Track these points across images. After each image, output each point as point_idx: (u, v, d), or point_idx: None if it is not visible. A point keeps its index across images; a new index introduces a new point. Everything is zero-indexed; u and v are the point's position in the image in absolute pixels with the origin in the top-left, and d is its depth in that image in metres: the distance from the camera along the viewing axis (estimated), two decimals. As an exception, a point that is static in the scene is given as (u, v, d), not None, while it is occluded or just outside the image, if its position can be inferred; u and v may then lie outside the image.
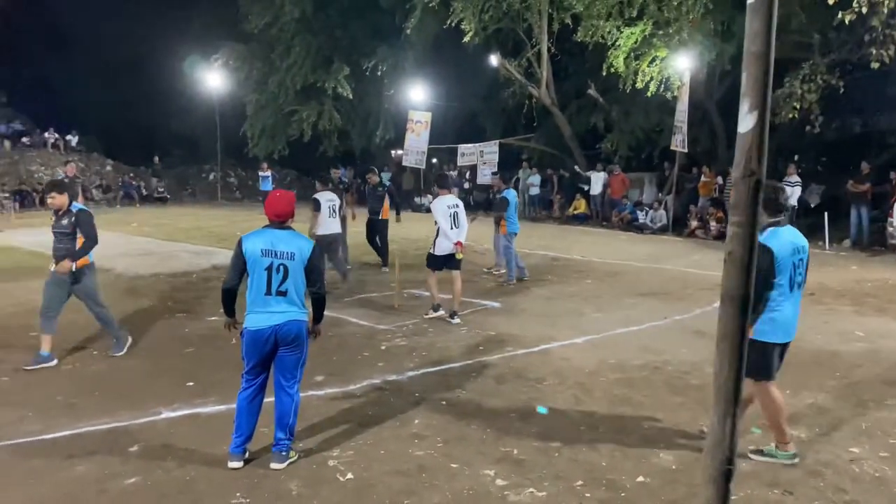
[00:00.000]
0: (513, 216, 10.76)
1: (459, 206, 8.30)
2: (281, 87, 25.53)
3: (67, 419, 5.02)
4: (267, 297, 4.26)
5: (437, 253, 8.20)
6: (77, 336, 7.27)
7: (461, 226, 8.20)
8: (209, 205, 27.88)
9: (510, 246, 10.70)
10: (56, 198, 6.32)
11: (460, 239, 8.15)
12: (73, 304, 6.46)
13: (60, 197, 6.32)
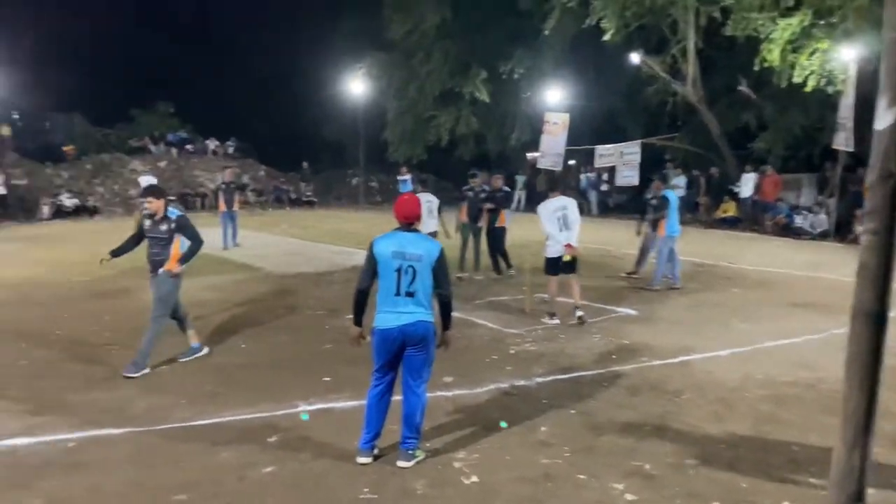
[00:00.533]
0: (673, 217, 10.32)
1: (569, 208, 8.16)
2: (420, 94, 26.18)
3: (214, 408, 5.37)
4: (396, 297, 4.33)
5: (549, 256, 8.17)
6: (228, 331, 7.79)
7: (570, 227, 8.06)
8: (352, 208, 29.07)
9: (664, 249, 10.26)
10: (153, 202, 6.36)
11: (570, 241, 8.04)
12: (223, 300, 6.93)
13: (157, 202, 6.36)
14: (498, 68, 23.91)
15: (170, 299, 6.44)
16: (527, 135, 25.18)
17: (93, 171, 29.30)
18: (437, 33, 25.06)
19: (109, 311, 8.81)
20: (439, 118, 25.98)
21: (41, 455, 4.53)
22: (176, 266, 6.34)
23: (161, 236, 6.35)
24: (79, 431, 4.87)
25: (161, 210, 6.36)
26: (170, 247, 6.36)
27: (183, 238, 6.41)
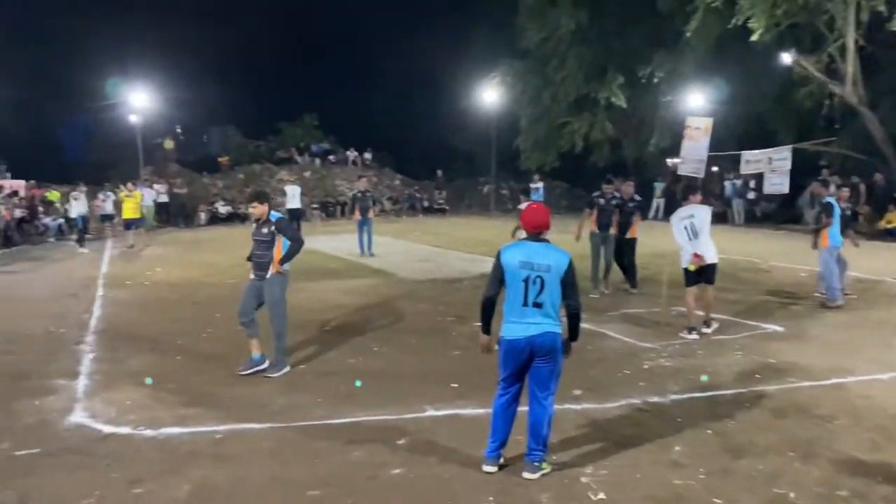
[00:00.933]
0: (836, 226, 9.52)
1: (696, 216, 7.80)
2: (554, 100, 25.97)
3: (348, 408, 5.56)
4: (523, 308, 4.29)
5: (683, 266, 7.87)
6: (362, 333, 8.07)
7: (698, 236, 7.72)
8: (483, 215, 29.28)
9: (831, 261, 9.46)
10: (257, 207, 6.57)
11: (697, 250, 7.69)
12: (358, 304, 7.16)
13: (261, 206, 6.56)
14: (636, 72, 23.27)
15: (282, 299, 6.65)
16: (666, 140, 24.29)
17: (244, 180, 31.44)
18: (573, 39, 24.78)
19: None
20: (573, 124, 25.66)
21: (191, 444, 4.89)
22: (278, 266, 6.51)
23: (264, 239, 6.53)
24: (225, 424, 5.22)
25: (265, 214, 6.56)
26: (272, 249, 6.50)
27: (285, 240, 6.55)
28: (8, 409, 5.65)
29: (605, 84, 24.24)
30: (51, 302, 10.58)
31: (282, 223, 6.63)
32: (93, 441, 4.98)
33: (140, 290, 11.44)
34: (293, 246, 6.53)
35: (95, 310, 9.86)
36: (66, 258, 16.60)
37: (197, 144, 40.32)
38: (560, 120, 26.24)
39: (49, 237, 21.56)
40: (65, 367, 6.86)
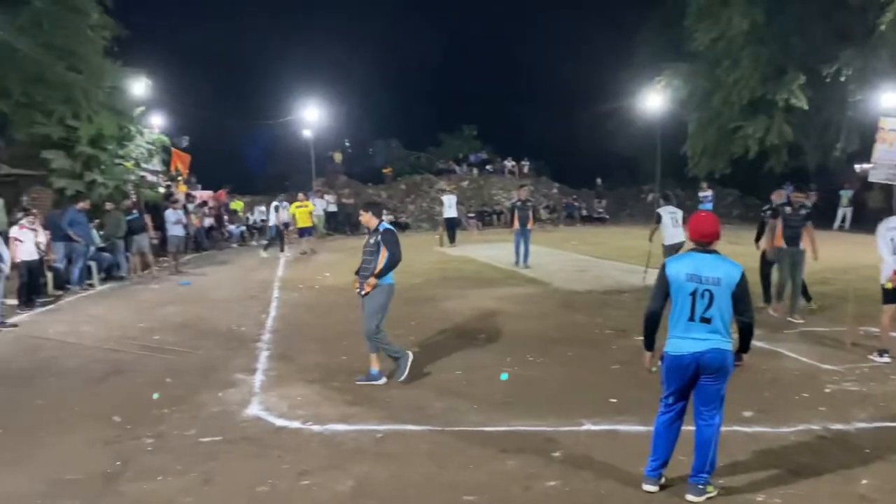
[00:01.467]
0: None
1: None
2: (725, 104, 24.58)
3: (504, 416, 5.56)
4: (690, 323, 4.07)
5: (882, 281, 7.05)
6: (517, 342, 8.05)
7: None
8: (645, 225, 28.19)
9: None
10: (363, 216, 6.68)
11: None
12: (513, 312, 7.12)
13: (366, 215, 6.65)
14: (819, 71, 21.45)
15: (379, 311, 6.48)
16: (854, 144, 22.18)
17: (406, 190, 32.62)
18: (747, 38, 23.31)
19: (416, 316, 9.66)
20: (747, 129, 24.09)
21: (354, 441, 5.11)
22: (373, 280, 6.38)
23: (371, 248, 6.54)
24: (385, 424, 5.41)
25: (373, 223, 6.60)
26: (377, 258, 6.44)
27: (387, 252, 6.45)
28: (196, 399, 6.21)
29: (784, 85, 22.54)
30: (234, 302, 11.54)
31: (387, 234, 6.49)
32: (267, 433, 5.35)
33: (311, 294, 12.19)
34: (390, 259, 6.40)
35: (271, 310, 10.63)
36: (246, 262, 18.06)
37: (363, 157, 42.41)
38: (732, 124, 24.74)
39: (232, 243, 23.57)
40: (244, 363, 7.45)
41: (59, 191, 16.21)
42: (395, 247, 6.42)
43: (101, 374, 7.19)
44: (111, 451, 5.04)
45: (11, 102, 15.64)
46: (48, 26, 16.42)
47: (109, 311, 11.04)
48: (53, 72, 16.23)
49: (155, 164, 20.67)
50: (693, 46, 25.13)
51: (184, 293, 12.82)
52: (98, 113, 17.05)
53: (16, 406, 6.18)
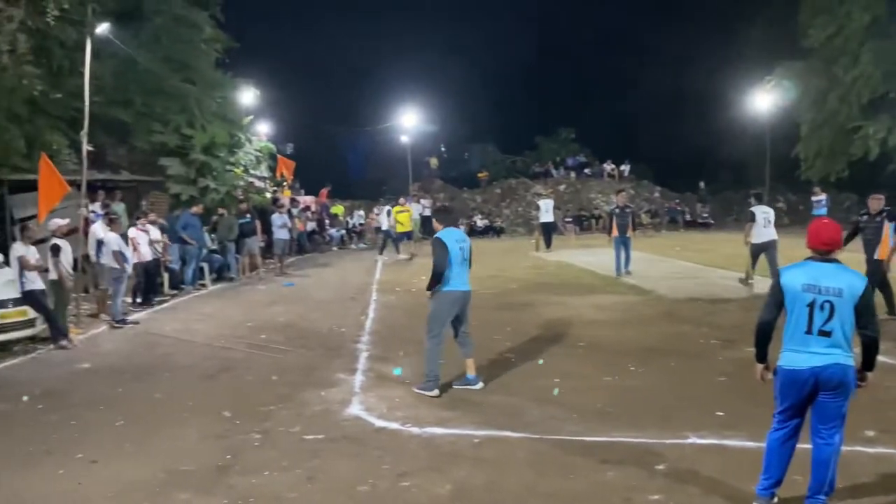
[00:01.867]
0: None
1: None
2: (843, 103, 23.16)
3: (603, 426, 5.43)
4: (807, 336, 3.83)
5: None
6: (617, 351, 7.86)
7: None
8: (753, 231, 26.96)
9: None
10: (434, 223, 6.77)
11: None
12: (612, 320, 6.92)
13: (434, 222, 6.76)
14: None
15: (434, 317, 6.44)
16: None
17: (501, 195, 32.59)
18: (867, 34, 21.89)
19: (512, 322, 9.61)
20: (867, 129, 22.58)
21: (452, 445, 5.13)
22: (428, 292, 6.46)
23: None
24: (482, 429, 5.40)
25: (439, 230, 6.55)
26: None
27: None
28: (300, 397, 6.42)
29: (910, 82, 21.06)
30: (334, 304, 11.88)
31: (434, 242, 6.45)
32: (367, 433, 5.46)
33: (407, 297, 12.36)
34: (432, 269, 6.36)
35: (370, 312, 10.87)
36: (346, 265, 18.56)
37: (458, 161, 42.70)
38: (850, 124, 23.27)
39: (333, 246, 24.28)
40: (345, 363, 7.65)
41: (175, 196, 17.20)
42: (438, 257, 6.30)
43: (213, 371, 7.56)
44: (222, 444, 5.28)
45: (133, 112, 16.73)
46: (167, 41, 17.49)
47: (220, 310, 11.61)
48: (171, 84, 17.25)
49: (262, 170, 21.58)
50: (806, 43, 23.86)
51: (288, 294, 13.31)
52: (211, 122, 17.98)
53: (137, 399, 6.59)
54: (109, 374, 7.53)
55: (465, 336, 6.62)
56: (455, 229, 6.69)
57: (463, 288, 6.46)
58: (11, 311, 8.81)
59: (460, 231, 6.86)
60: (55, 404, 6.45)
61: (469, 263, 6.58)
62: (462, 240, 6.57)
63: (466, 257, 6.50)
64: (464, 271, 6.46)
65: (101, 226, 11.05)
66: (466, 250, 6.51)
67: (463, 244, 6.49)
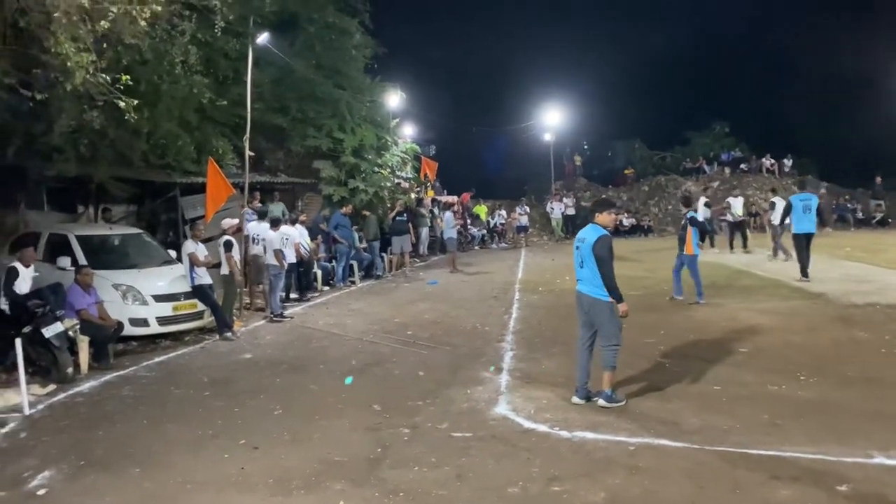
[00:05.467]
0: None
1: None
2: None
3: (772, 439, 4.98)
4: None
5: None
6: (785, 359, 7.24)
7: None
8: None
9: None
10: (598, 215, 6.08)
11: None
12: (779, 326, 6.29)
13: (600, 215, 6.05)
14: None
15: (610, 327, 5.86)
16: None
17: (648, 192, 31.37)
18: None
19: (664, 325, 9.14)
20: None
21: (605, 451, 4.90)
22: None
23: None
24: (637, 437, 5.12)
25: (608, 224, 6.04)
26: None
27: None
28: (447, 394, 6.43)
29: None
30: (477, 302, 11.89)
31: (599, 240, 5.84)
32: (515, 433, 5.35)
33: (551, 297, 12.14)
34: (610, 278, 5.78)
35: (513, 311, 10.77)
36: (489, 264, 18.58)
37: (602, 158, 41.59)
38: None
39: (475, 246, 24.43)
40: (490, 362, 7.58)
41: (327, 197, 18.01)
42: (605, 256, 5.80)
43: (363, 364, 7.76)
44: (373, 437, 5.37)
45: (289, 118, 17.69)
46: (319, 48, 18.33)
47: (369, 306, 11.98)
48: (323, 89, 18.07)
49: (407, 171, 22.13)
50: None
51: (432, 292, 13.51)
52: (360, 125, 18.67)
53: (293, 389, 6.89)
54: (268, 365, 7.94)
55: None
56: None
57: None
58: (183, 304, 9.55)
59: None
60: (221, 391, 6.88)
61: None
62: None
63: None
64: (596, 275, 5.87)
65: (256, 225, 11.67)
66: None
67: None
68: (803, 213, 12.30)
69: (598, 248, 5.77)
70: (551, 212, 27.52)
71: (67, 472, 4.93)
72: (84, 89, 8.29)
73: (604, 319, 5.87)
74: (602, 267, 5.74)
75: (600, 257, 5.75)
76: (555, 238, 26.70)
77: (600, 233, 5.87)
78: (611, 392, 5.88)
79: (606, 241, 5.81)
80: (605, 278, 5.74)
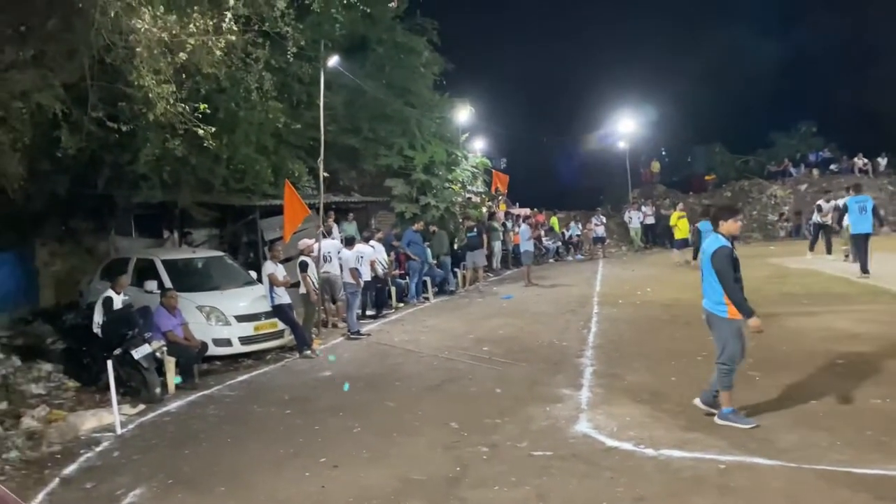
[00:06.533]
0: None
1: None
2: None
3: (878, 456, 4.63)
4: None
5: None
6: (889, 370, 6.76)
7: None
8: None
9: None
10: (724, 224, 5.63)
11: None
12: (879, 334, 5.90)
13: (726, 224, 5.61)
14: None
15: (726, 345, 5.51)
16: None
17: (731, 197, 30.23)
18: None
19: (754, 336, 8.69)
20: None
21: (693, 470, 4.66)
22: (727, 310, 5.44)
23: None
24: (728, 455, 4.85)
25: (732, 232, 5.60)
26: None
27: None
28: (525, 411, 6.29)
29: None
30: (554, 316, 11.67)
31: (717, 251, 5.44)
32: (597, 452, 5.17)
33: (631, 310, 11.79)
34: (726, 286, 5.39)
35: (592, 326, 10.51)
36: (563, 277, 18.27)
37: (681, 164, 40.44)
38: None
39: (549, 258, 24.10)
40: (569, 378, 7.40)
41: (399, 214, 18.17)
42: (722, 267, 5.42)
43: (438, 381, 7.72)
44: (451, 455, 5.29)
45: (361, 138, 17.98)
46: (389, 68, 18.60)
47: (443, 322, 11.95)
48: (393, 108, 18.30)
49: (478, 185, 22.09)
50: None
51: (507, 307, 13.36)
52: (430, 142, 18.78)
53: (371, 406, 6.90)
54: (346, 382, 8.00)
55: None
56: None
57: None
58: (264, 323, 9.77)
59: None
60: (301, 409, 6.96)
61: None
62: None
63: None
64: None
65: (327, 243, 11.81)
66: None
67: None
68: (860, 214, 12.80)
69: (716, 262, 5.45)
70: (629, 221, 26.84)
71: (157, 491, 5.07)
72: (166, 119, 8.64)
73: (717, 335, 5.60)
74: (721, 280, 5.41)
75: (718, 270, 5.43)
76: (633, 248, 26.02)
77: (719, 244, 5.52)
78: (730, 410, 5.49)
79: (724, 252, 5.45)
80: (728, 292, 5.40)
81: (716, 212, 6.01)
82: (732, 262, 5.43)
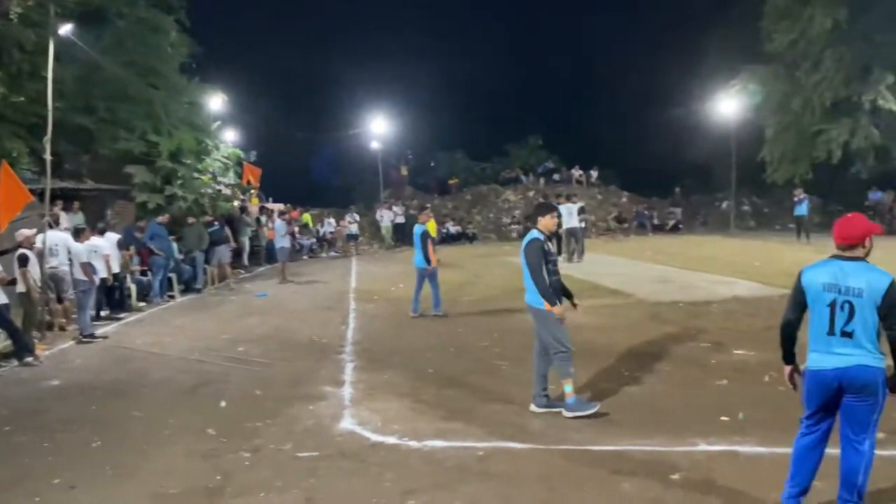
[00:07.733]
0: None
1: None
2: (806, 107, 23.62)
3: (611, 435, 5.24)
4: (829, 337, 3.69)
5: None
6: (608, 356, 7.71)
7: None
8: (721, 234, 27.27)
9: None
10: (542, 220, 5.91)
11: None
12: (598, 326, 6.64)
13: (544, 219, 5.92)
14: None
15: (554, 333, 5.79)
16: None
17: (472, 201, 32.46)
18: (829, 38, 22.36)
19: (497, 328, 9.42)
20: (830, 132, 23.05)
21: (456, 459, 4.88)
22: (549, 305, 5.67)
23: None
24: (486, 441, 5.16)
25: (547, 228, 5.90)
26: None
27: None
28: (288, 412, 6.12)
29: (870, 85, 21.50)
30: (312, 313, 11.55)
31: (527, 245, 5.74)
32: (363, 448, 5.19)
33: (386, 305, 12.08)
34: (532, 273, 5.66)
35: (350, 322, 10.57)
36: (319, 274, 18.18)
37: (426, 168, 42.48)
38: (813, 128, 23.70)
39: (304, 255, 23.83)
40: (331, 375, 7.35)
41: (141, 205, 16.66)
42: (531, 259, 5.63)
43: (191, 386, 7.21)
44: (210, 464, 4.96)
45: (96, 119, 16.18)
46: (131, 45, 16.97)
47: (192, 322, 11.20)
48: (135, 88, 16.74)
49: (230, 177, 21.10)
50: (770, 48, 24.30)
51: (262, 305, 12.93)
52: (177, 128, 17.51)
53: (113, 417, 6.22)
54: (81, 392, 7.14)
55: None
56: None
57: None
58: (-28, 327, 8.33)
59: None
60: (25, 425, 6.05)
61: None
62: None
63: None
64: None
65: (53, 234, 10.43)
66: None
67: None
68: (568, 216, 17.09)
69: (528, 252, 5.67)
70: (381, 220, 27.55)
71: None
72: None
73: (542, 327, 5.84)
74: (530, 269, 5.64)
75: (529, 261, 5.65)
76: (385, 246, 26.75)
77: (532, 237, 5.73)
78: (573, 400, 5.68)
79: (537, 244, 5.67)
80: (534, 280, 5.62)
81: (534, 209, 6.24)
82: (544, 254, 5.70)
